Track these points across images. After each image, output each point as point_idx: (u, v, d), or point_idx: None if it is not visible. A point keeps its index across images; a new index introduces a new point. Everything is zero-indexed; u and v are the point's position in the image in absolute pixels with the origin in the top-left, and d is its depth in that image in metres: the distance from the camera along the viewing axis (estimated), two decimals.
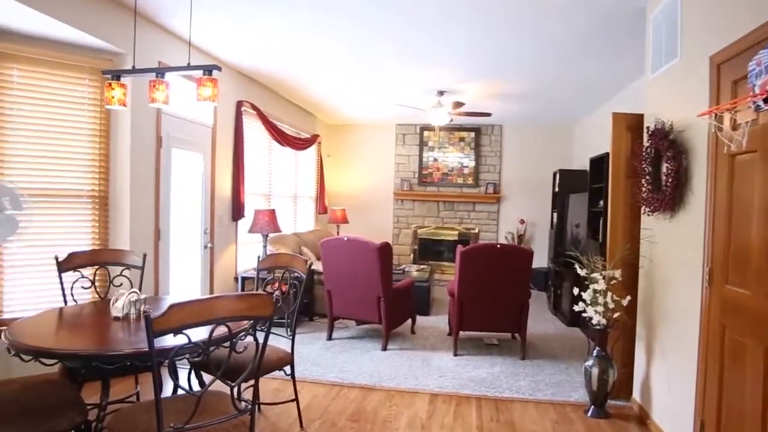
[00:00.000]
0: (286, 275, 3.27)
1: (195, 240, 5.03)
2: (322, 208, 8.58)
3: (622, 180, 3.69)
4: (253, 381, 2.34)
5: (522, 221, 8.52)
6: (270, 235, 5.80)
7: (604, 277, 3.41)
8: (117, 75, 2.90)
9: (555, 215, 7.69)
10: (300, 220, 8.03)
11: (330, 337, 5.12)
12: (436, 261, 8.79)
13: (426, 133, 8.87)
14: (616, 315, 3.38)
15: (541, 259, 7.88)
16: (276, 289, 3.40)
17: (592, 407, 3.48)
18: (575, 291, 3.65)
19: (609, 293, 3.36)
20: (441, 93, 6.26)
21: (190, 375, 2.89)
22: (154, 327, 1.70)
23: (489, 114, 6.58)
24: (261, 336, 2.06)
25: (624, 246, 3.59)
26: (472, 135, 8.74)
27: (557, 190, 7.52)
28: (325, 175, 8.76)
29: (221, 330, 1.89)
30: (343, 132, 9.18)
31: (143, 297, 2.63)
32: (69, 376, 2.52)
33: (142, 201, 4.11)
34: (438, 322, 5.93)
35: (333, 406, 3.53)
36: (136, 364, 2.06)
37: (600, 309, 3.37)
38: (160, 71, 2.75)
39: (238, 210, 5.67)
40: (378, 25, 4.14)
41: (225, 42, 4.69)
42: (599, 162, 5.52)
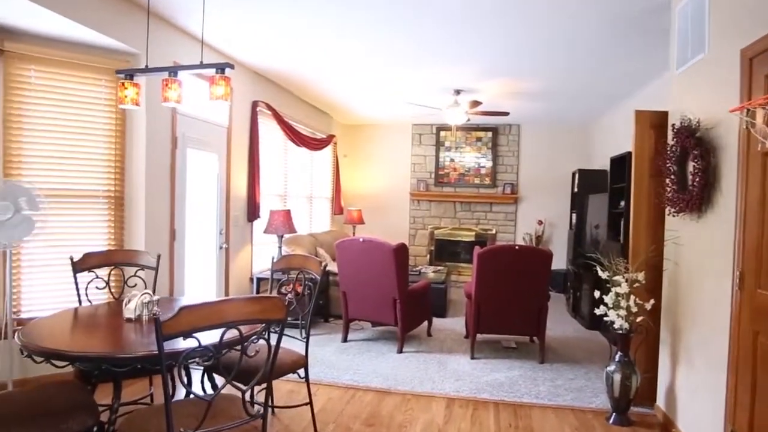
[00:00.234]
0: (300, 276, 3.24)
1: (210, 240, 5.02)
2: (337, 208, 8.55)
3: (645, 180, 3.59)
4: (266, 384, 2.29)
5: (540, 222, 8.39)
6: (285, 236, 5.78)
7: (626, 280, 3.30)
8: (130, 74, 2.89)
9: (574, 216, 7.55)
10: (315, 220, 8.01)
11: (345, 339, 5.08)
12: (452, 262, 8.69)
13: (442, 133, 8.79)
14: (639, 319, 3.28)
15: (560, 261, 7.74)
16: (290, 291, 3.36)
17: (614, 414, 3.37)
18: (596, 294, 3.55)
19: (632, 297, 3.26)
20: (458, 92, 6.18)
21: (203, 377, 2.86)
22: (163, 330, 1.67)
23: (507, 113, 6.47)
24: (274, 338, 2.02)
25: (648, 248, 3.49)
26: (489, 135, 8.63)
27: (576, 190, 7.38)
28: (341, 176, 8.73)
29: (233, 333, 1.85)
30: (359, 132, 9.13)
31: (156, 298, 2.61)
32: (82, 377, 2.50)
33: (157, 201, 4.11)
34: (454, 324, 5.85)
35: (348, 409, 3.48)
36: (146, 367, 2.03)
37: (622, 313, 3.27)
38: (172, 70, 2.73)
39: (253, 210, 5.65)
40: (395, 24, 4.08)
41: (240, 42, 4.67)
42: (620, 161, 5.39)
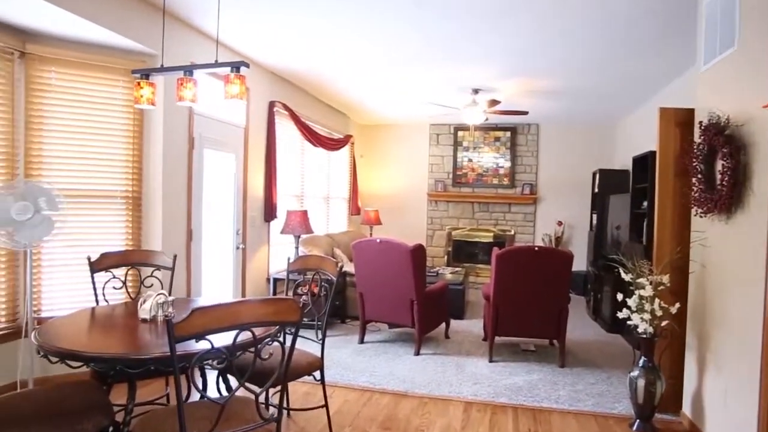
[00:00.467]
0: (316, 277, 3.21)
1: (227, 241, 5.03)
2: (355, 209, 8.52)
3: (670, 179, 3.48)
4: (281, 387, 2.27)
5: (560, 223, 8.25)
6: (302, 236, 5.76)
7: (651, 283, 3.20)
8: (146, 74, 2.89)
9: (594, 217, 7.41)
10: (332, 221, 7.99)
11: (362, 341, 5.04)
12: (470, 263, 8.60)
13: (460, 133, 8.70)
14: (664, 323, 3.17)
15: (580, 262, 7.60)
16: (306, 292, 3.33)
17: (637, 421, 3.27)
18: (619, 296, 3.45)
19: (656, 300, 3.16)
20: (476, 91, 6.10)
21: (218, 379, 2.84)
22: (176, 332, 1.65)
23: (525, 112, 6.38)
24: (289, 340, 1.98)
25: (673, 249, 3.38)
26: (507, 134, 8.52)
27: (597, 190, 7.25)
28: (358, 176, 8.70)
29: (247, 335, 1.82)
30: (376, 132, 9.10)
31: (172, 299, 2.60)
32: (98, 377, 2.50)
33: (174, 202, 4.13)
34: (472, 326, 5.77)
35: (364, 412, 3.44)
36: (159, 368, 2.01)
37: (646, 316, 3.17)
38: (187, 69, 2.72)
39: (270, 211, 5.65)
40: (413, 23, 4.03)
41: (257, 42, 4.67)
42: (643, 161, 5.25)
